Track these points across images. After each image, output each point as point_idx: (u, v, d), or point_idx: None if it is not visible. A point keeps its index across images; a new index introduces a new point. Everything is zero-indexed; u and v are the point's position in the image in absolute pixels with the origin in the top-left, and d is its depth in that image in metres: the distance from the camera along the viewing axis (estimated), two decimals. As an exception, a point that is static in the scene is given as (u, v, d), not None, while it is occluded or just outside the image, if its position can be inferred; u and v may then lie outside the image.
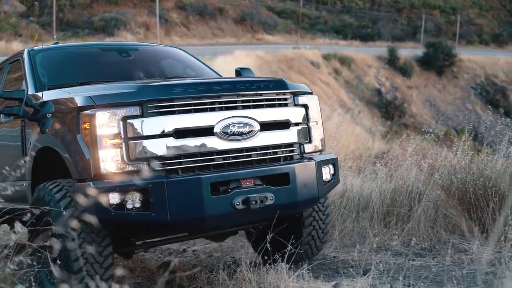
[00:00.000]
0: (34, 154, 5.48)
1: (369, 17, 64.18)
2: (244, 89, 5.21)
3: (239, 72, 6.69)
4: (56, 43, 7.80)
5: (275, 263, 5.21)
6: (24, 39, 36.87)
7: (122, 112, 4.76)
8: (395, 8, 67.84)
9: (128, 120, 4.75)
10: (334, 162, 5.67)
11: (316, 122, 5.62)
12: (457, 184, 6.37)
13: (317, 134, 5.62)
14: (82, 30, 42.52)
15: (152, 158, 4.77)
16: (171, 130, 4.82)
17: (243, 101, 5.18)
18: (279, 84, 5.48)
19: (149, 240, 5.62)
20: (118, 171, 4.73)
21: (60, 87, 5.78)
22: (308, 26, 58.36)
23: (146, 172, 4.73)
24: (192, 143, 4.91)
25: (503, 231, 5.57)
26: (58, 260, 5.07)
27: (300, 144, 5.49)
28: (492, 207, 5.98)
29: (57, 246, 4.96)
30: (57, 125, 5.18)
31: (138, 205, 4.70)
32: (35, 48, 6.66)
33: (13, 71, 6.83)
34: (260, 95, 5.29)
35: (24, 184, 5.77)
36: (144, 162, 4.76)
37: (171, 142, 4.82)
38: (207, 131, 4.97)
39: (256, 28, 53.79)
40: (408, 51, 47.18)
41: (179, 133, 4.86)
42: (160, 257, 7.25)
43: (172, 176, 4.81)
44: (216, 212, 4.89)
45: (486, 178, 6.23)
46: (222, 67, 19.39)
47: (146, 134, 4.77)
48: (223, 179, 4.97)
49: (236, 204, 4.92)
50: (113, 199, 4.66)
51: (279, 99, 5.42)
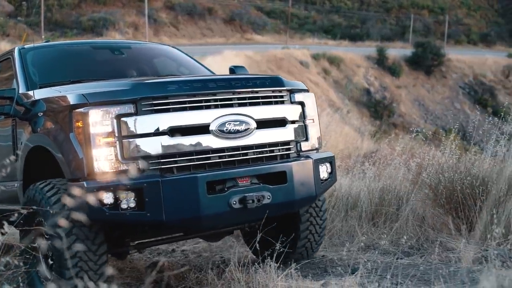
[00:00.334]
0: (26, 154, 5.38)
1: (358, 17, 64.34)
2: (240, 86, 5.14)
3: (233, 70, 6.63)
4: (47, 41, 7.69)
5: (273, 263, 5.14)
6: (12, 39, 36.53)
7: (116, 110, 4.67)
8: (384, 8, 68.08)
9: (122, 118, 4.66)
10: (331, 160, 5.61)
11: (313, 119, 5.57)
12: (444, 183, 6.37)
13: (313, 132, 5.55)
14: (70, 30, 42.26)
15: (146, 157, 4.68)
16: (166, 128, 4.74)
17: (239, 98, 5.11)
18: (275, 81, 5.41)
19: (143, 241, 5.54)
20: (112, 170, 4.64)
21: (51, 86, 5.68)
22: (297, 26, 58.45)
23: (140, 171, 4.65)
24: (188, 141, 4.82)
25: (490, 229, 5.57)
26: (50, 260, 4.99)
27: (297, 142, 5.42)
28: (479, 206, 5.98)
29: (49, 247, 4.90)
30: (49, 124, 5.08)
31: (133, 205, 4.61)
32: (26, 46, 6.56)
33: (3, 70, 6.72)
34: (256, 92, 5.22)
35: (16, 184, 5.67)
36: (139, 161, 4.67)
37: (166, 140, 4.73)
38: (203, 129, 4.89)
39: (245, 28, 53.74)
40: (397, 51, 47.28)
41: (174, 131, 4.78)
42: (149, 257, 7.21)
43: (167, 175, 4.73)
44: (213, 211, 4.80)
45: (474, 177, 6.24)
46: (211, 67, 19.13)
47: (140, 132, 4.68)
48: (220, 178, 4.89)
49: (233, 203, 4.84)
50: (107, 199, 4.56)
51: (275, 97, 5.36)
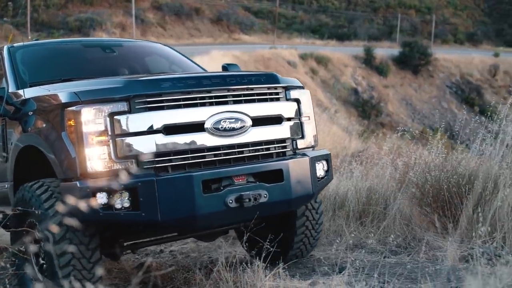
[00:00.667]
0: (16, 154, 5.27)
1: (345, 16, 64.49)
2: (235, 83, 5.05)
3: (226, 68, 6.54)
4: (36, 39, 7.59)
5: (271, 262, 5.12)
6: (-2, 39, 36.32)
7: (109, 108, 4.57)
8: (371, 7, 68.29)
9: (115, 116, 4.56)
10: (327, 158, 5.54)
11: (309, 117, 5.49)
12: (431, 182, 6.37)
13: (309, 129, 5.48)
14: (57, 30, 41.93)
15: (140, 156, 4.58)
16: (160, 126, 4.64)
17: (234, 95, 5.02)
18: (271, 78, 5.33)
19: (137, 241, 5.45)
20: (106, 170, 4.54)
21: (42, 84, 5.57)
22: (284, 26, 58.47)
23: (134, 170, 4.56)
24: (182, 139, 4.73)
25: (475, 227, 5.56)
26: (41, 260, 4.91)
27: (293, 140, 5.35)
28: (466, 204, 5.96)
29: (40, 248, 4.81)
30: (40, 123, 4.98)
31: (127, 204, 4.51)
32: (15, 44, 6.46)
33: (-9, 69, 6.60)
34: (251, 89, 5.13)
35: (6, 185, 5.57)
36: (133, 160, 4.58)
37: (160, 138, 4.64)
38: (198, 127, 4.80)
39: (233, 28, 53.68)
40: (384, 51, 47.38)
41: (169, 129, 4.68)
42: (137, 258, 7.16)
43: (162, 174, 4.63)
44: (209, 210, 4.71)
45: (460, 176, 6.23)
46: (199, 67, 19.21)
47: (134, 130, 4.59)
48: (216, 177, 4.80)
49: (229, 202, 4.75)
50: (101, 199, 4.46)
51: (270, 94, 5.28)
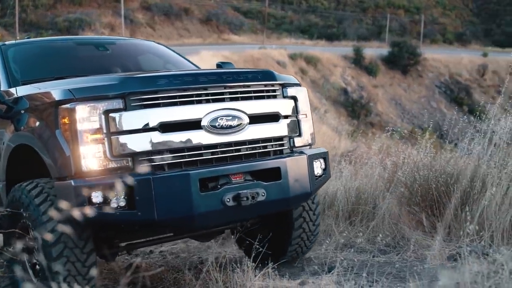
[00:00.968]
0: (8, 153, 5.19)
1: (334, 17, 64.56)
2: (231, 80, 4.98)
3: (220, 66, 6.49)
4: (28, 37, 7.52)
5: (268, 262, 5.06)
6: (-14, 40, 36.06)
7: (104, 105, 4.49)
8: (360, 8, 68.43)
9: (110, 114, 4.48)
10: (325, 156, 5.48)
11: (306, 114, 5.43)
12: (420, 181, 6.38)
13: (306, 127, 5.42)
14: (45, 31, 41.64)
15: (136, 154, 4.51)
16: (156, 124, 4.56)
17: (231, 93, 4.95)
18: (267, 75, 5.26)
19: (133, 242, 5.37)
20: (101, 168, 4.46)
21: (34, 82, 5.48)
22: (274, 26, 58.42)
23: (130, 168, 4.49)
24: (179, 137, 4.65)
25: (463, 226, 5.56)
26: (34, 261, 4.83)
27: (290, 138, 5.29)
28: (454, 203, 5.96)
29: (34, 250, 4.73)
30: (33, 121, 4.90)
31: (123, 203, 4.42)
32: (7, 42, 6.38)
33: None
34: (248, 86, 5.07)
35: None
36: (128, 158, 4.51)
37: (156, 136, 4.56)
38: (194, 125, 4.72)
39: (222, 28, 53.60)
40: (374, 51, 47.47)
41: (165, 127, 4.60)
42: (127, 258, 7.10)
43: (158, 173, 4.55)
44: (206, 209, 4.62)
45: (448, 175, 6.24)
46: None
47: (129, 128, 4.50)
48: (213, 175, 4.72)
49: (227, 201, 4.67)
50: (96, 198, 4.37)
51: (267, 91, 5.21)
